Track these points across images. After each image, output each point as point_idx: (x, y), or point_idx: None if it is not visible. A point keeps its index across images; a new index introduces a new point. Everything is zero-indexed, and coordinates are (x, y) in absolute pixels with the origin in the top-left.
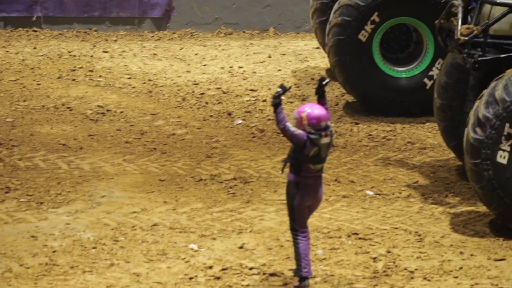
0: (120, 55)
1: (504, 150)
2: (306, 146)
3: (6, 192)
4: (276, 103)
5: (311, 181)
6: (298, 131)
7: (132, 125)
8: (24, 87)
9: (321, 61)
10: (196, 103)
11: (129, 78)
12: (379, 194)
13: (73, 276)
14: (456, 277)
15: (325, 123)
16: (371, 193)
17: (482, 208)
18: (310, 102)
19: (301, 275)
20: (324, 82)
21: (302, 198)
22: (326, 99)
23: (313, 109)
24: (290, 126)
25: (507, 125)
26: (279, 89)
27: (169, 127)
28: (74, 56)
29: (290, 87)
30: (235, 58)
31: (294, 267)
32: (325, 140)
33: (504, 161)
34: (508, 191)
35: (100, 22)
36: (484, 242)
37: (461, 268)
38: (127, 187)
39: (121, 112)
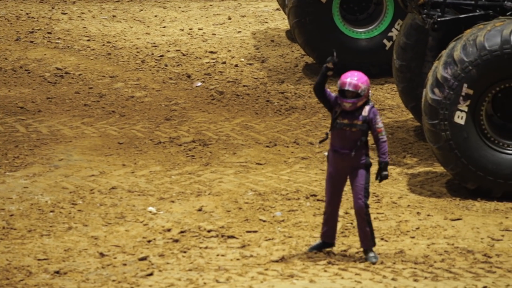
0: (79, 17)
1: (461, 111)
2: None
3: None
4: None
5: None
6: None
7: (91, 88)
8: None
9: (281, 22)
10: (156, 65)
11: (88, 40)
12: None
13: (31, 240)
14: (413, 237)
15: None
16: None
17: (439, 169)
18: (270, 64)
19: (375, 243)
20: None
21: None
22: None
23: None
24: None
25: (465, 85)
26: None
27: (128, 90)
28: (33, 17)
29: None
30: (194, 20)
31: (252, 229)
32: None
33: (462, 122)
34: (465, 152)
35: None
36: (441, 202)
37: (417, 228)
38: (85, 150)
39: (80, 74)
